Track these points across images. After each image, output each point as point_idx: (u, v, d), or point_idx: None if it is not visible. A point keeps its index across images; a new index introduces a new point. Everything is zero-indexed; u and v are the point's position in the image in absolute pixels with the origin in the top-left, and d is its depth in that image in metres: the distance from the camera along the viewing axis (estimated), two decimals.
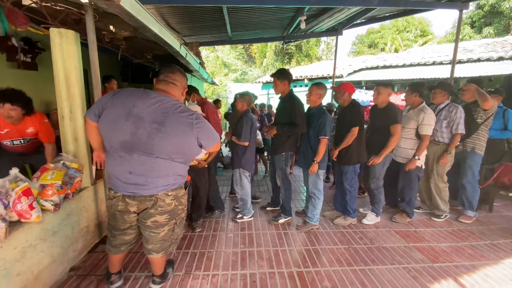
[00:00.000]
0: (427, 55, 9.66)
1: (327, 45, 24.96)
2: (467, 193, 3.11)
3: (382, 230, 2.89)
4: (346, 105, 2.84)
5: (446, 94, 3.04)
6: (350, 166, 2.83)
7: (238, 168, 2.95)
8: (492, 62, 7.57)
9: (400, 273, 2.14)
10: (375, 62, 10.34)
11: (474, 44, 9.67)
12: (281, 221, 2.98)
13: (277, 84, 2.83)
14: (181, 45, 3.33)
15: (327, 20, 5.21)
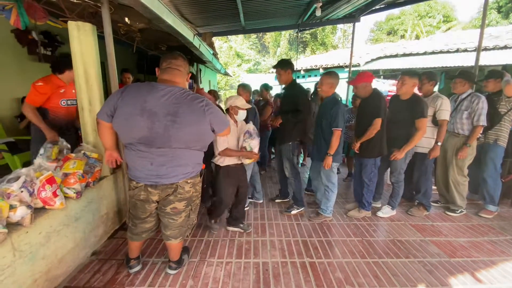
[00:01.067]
0: (450, 42, 9.12)
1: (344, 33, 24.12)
2: (488, 187, 2.98)
3: (398, 224, 2.84)
4: (367, 96, 2.74)
5: (467, 84, 2.89)
6: (371, 159, 2.76)
7: None
8: None
9: (415, 266, 2.10)
10: (395, 50, 9.88)
11: (501, 30, 9.01)
12: (294, 212, 2.98)
13: (280, 74, 2.83)
14: (195, 35, 3.33)
15: (344, 6, 5.00)
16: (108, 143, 1.78)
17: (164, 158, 1.58)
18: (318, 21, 6.06)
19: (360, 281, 1.93)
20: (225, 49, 23.14)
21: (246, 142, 2.38)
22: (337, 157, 2.71)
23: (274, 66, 2.93)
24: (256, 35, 23.90)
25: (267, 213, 3.04)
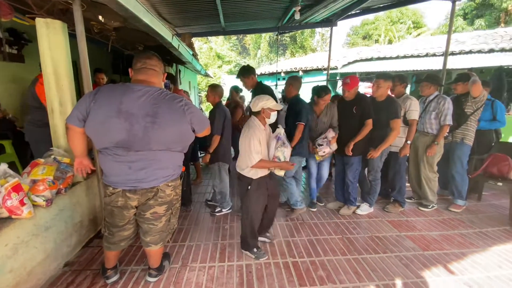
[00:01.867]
0: (420, 46, 9.68)
1: (322, 37, 24.81)
2: (456, 182, 3.19)
3: (375, 220, 2.95)
4: (352, 98, 2.84)
5: (433, 86, 3.09)
6: (357, 157, 2.88)
7: (217, 162, 2.89)
8: (483, 54, 7.64)
9: (392, 261, 2.19)
10: (370, 54, 10.32)
11: (466, 36, 9.71)
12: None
13: (245, 81, 2.96)
14: (173, 36, 3.26)
15: (321, 11, 5.14)
16: (78, 150, 1.66)
17: (143, 162, 1.52)
18: (297, 24, 6.18)
19: (341, 278, 1.98)
20: (205, 50, 22.89)
21: (280, 151, 2.15)
22: (300, 150, 2.81)
23: (236, 76, 3.02)
24: (237, 37, 23.92)
25: None
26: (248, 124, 2.13)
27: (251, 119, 2.15)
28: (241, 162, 2.13)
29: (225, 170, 2.97)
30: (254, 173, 2.11)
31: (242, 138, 2.09)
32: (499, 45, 7.60)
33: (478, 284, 1.93)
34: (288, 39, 22.36)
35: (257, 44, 23.29)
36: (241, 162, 2.13)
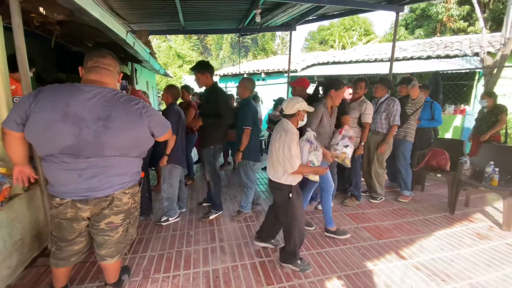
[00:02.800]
0: (370, 52, 10.56)
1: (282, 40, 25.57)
2: (402, 175, 3.55)
3: (335, 214, 3.12)
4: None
5: (386, 89, 3.39)
6: None
7: (168, 163, 2.72)
8: (422, 60, 8.64)
9: (351, 252, 2.35)
10: (326, 58, 10.93)
11: (408, 44, 10.88)
12: (212, 216, 2.95)
13: (198, 77, 2.78)
14: (128, 32, 3.06)
15: (281, 15, 5.30)
16: (17, 157, 1.46)
17: (95, 169, 1.39)
18: (258, 27, 6.27)
19: (306, 272, 2.05)
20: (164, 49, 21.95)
21: (313, 155, 2.04)
22: (252, 154, 2.87)
23: (191, 68, 2.87)
24: (198, 37, 23.41)
25: (216, 219, 2.98)
26: (281, 128, 2.00)
27: (284, 123, 2.03)
28: (277, 169, 1.99)
29: (177, 173, 2.82)
30: (292, 179, 2.01)
31: (277, 143, 1.95)
32: (436, 53, 8.66)
33: (424, 266, 2.17)
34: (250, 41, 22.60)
35: (219, 44, 23.08)
36: (278, 169, 1.99)
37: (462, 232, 2.73)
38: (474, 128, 4.24)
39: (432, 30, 15.38)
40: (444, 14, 14.11)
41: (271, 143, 2.06)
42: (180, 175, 2.93)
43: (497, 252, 2.36)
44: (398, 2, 4.46)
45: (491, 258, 2.28)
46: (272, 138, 2.06)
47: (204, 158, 2.92)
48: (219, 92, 2.83)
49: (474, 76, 7.91)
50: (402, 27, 16.70)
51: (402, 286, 1.93)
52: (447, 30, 14.53)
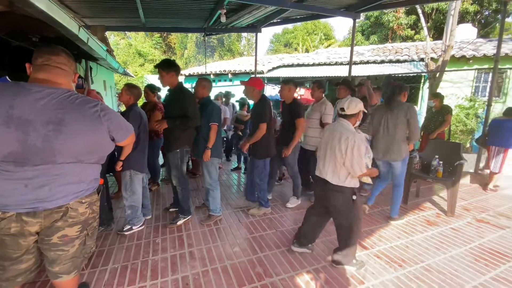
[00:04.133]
0: (331, 56, 11.15)
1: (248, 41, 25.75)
2: None
3: (303, 212, 3.22)
4: (256, 102, 2.94)
5: (348, 90, 3.59)
6: (261, 160, 2.97)
7: (128, 169, 2.55)
8: (377, 64, 9.36)
9: (320, 246, 2.44)
10: (291, 61, 11.27)
11: (364, 48, 11.72)
12: (180, 222, 2.84)
13: (162, 75, 2.61)
14: (81, 27, 2.81)
15: (246, 16, 5.33)
16: None
17: (45, 177, 1.24)
18: (223, 27, 6.23)
19: (277, 270, 2.08)
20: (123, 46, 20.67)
21: (367, 158, 1.94)
22: (217, 152, 2.85)
23: (155, 65, 2.71)
24: (160, 35, 22.47)
25: (184, 224, 2.88)
26: (344, 128, 1.94)
27: (344, 123, 1.97)
28: (340, 172, 1.94)
29: (139, 180, 2.64)
30: (355, 182, 1.97)
31: (343, 145, 1.88)
32: (388, 57, 9.43)
33: (383, 254, 2.34)
34: (215, 41, 22.36)
35: (183, 43, 22.44)
36: (341, 172, 1.94)
37: (415, 220, 3.01)
38: (423, 126, 4.71)
39: (384, 36, 16.79)
40: (394, 23, 15.50)
41: (328, 144, 2.01)
42: (143, 181, 2.78)
43: (444, 236, 2.65)
44: (354, 9, 4.77)
45: (439, 242, 2.55)
46: (329, 139, 2.00)
47: (170, 162, 2.77)
48: (185, 92, 2.70)
49: (421, 79, 8.80)
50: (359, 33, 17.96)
51: (365, 274, 2.06)
52: (397, 37, 15.97)
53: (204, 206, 3.22)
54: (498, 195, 3.86)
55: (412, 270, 2.11)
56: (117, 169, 2.49)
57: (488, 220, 3.01)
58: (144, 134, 2.64)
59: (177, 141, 2.68)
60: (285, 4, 4.18)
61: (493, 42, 8.67)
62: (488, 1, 13.25)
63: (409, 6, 12.74)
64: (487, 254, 2.33)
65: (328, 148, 2.01)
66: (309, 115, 3.32)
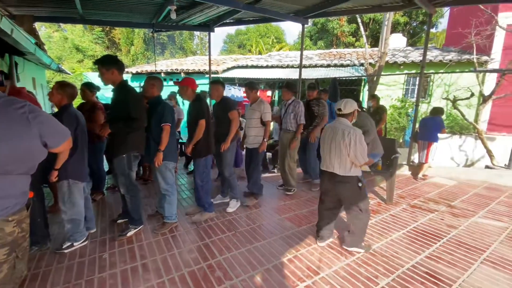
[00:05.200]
0: (283, 59, 11.59)
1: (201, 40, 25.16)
2: (312, 166, 4.05)
3: (261, 209, 3.29)
4: (192, 100, 2.87)
5: (290, 92, 3.75)
6: (201, 159, 2.88)
7: (66, 179, 2.26)
8: (324, 68, 10.05)
9: (277, 243, 2.51)
10: (245, 62, 11.39)
11: (312, 53, 12.48)
12: (130, 233, 2.62)
13: (102, 72, 2.37)
14: (3, 16, 2.40)
15: (198, 15, 5.20)
16: None
17: None
18: (174, 24, 5.97)
19: (237, 272, 2.08)
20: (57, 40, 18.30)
21: None
22: (171, 155, 2.69)
23: (94, 61, 2.43)
24: (102, 28, 20.47)
25: (136, 236, 2.66)
26: (344, 125, 2.26)
27: (343, 121, 2.29)
28: (346, 163, 2.22)
29: (79, 190, 2.36)
30: (359, 171, 2.28)
31: (346, 139, 2.16)
32: (333, 62, 10.19)
33: (335, 243, 2.52)
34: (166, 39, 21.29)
35: (129, 39, 20.82)
36: (347, 163, 2.22)
37: None
38: None
39: (330, 42, 18.14)
40: (338, 30, 16.85)
41: (332, 141, 2.27)
42: (85, 191, 2.49)
43: (385, 223, 2.97)
44: (302, 15, 5.04)
45: (381, 228, 2.85)
46: (332, 136, 2.27)
47: (117, 168, 2.53)
48: (130, 91, 2.46)
49: (361, 82, 9.74)
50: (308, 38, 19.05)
51: (320, 265, 2.19)
52: (341, 43, 17.40)
53: (157, 214, 3.01)
54: (427, 183, 4.49)
55: (360, 256, 2.32)
56: (52, 179, 2.17)
57: (420, 206, 3.48)
58: (82, 138, 2.35)
59: (123, 146, 2.45)
60: (237, 5, 4.20)
61: (420, 50, 10.10)
62: (416, 14, 15.33)
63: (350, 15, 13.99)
64: (421, 236, 2.68)
65: (333, 144, 2.28)
66: (249, 116, 3.39)
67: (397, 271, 2.11)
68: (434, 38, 16.56)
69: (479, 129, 7.28)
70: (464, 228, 2.85)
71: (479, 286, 1.94)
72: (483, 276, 2.06)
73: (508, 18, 6.92)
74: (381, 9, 4.95)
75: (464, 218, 3.10)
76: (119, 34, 21.33)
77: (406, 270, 2.13)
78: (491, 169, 5.35)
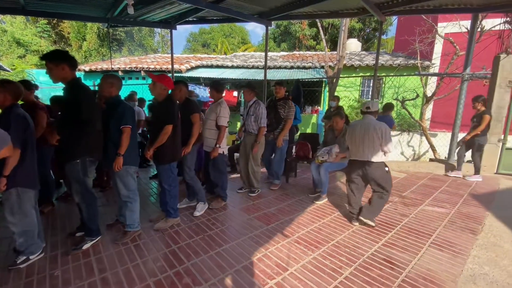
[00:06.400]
0: (248, 59, 11.66)
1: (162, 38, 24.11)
2: (275, 168, 4.08)
3: (230, 211, 3.26)
4: (161, 100, 2.66)
5: (252, 93, 3.61)
6: (166, 165, 2.71)
7: (14, 187, 2.03)
8: (288, 69, 10.34)
9: (246, 243, 2.51)
10: (210, 62, 11.21)
11: (276, 55, 12.76)
12: (87, 245, 2.41)
13: (50, 68, 2.14)
14: None
15: (158, 11, 4.96)
16: None
17: None
18: (132, 20, 5.62)
19: (206, 276, 2.03)
20: None
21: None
22: (132, 159, 2.49)
23: (41, 57, 2.19)
24: (49, 21, 18.45)
25: (93, 249, 2.44)
26: (374, 121, 2.82)
27: (371, 117, 2.86)
28: (378, 152, 2.73)
29: (29, 198, 2.15)
30: (386, 158, 2.77)
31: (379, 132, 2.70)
32: (296, 64, 10.53)
33: (302, 239, 2.61)
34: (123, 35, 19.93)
35: (81, 34, 19.08)
36: (379, 152, 2.73)
37: (324, 205, 3.48)
38: (326, 124, 5.49)
39: (292, 45, 18.73)
40: (300, 33, 17.48)
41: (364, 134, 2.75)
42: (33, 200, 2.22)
43: (346, 215, 3.15)
44: (266, 17, 5.13)
45: (343, 221, 3.02)
46: (364, 131, 2.76)
47: (70, 175, 2.30)
48: (80, 89, 2.24)
49: (322, 84, 10.23)
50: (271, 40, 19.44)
51: (288, 261, 2.24)
52: (302, 46, 18.06)
53: (117, 223, 2.80)
54: None
55: (325, 249, 2.43)
56: (1, 188, 1.92)
57: None
58: (32, 141, 2.12)
59: (77, 150, 2.23)
60: (200, 3, 4.11)
61: (373, 54, 10.94)
62: (369, 21, 16.58)
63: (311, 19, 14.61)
64: (378, 225, 2.90)
65: (365, 137, 2.75)
66: (207, 116, 3.27)
67: (359, 260, 2.26)
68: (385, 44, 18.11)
69: (424, 126, 8.14)
70: (414, 216, 3.16)
71: (427, 267, 2.17)
72: (431, 257, 2.31)
73: (446, 28, 7.85)
74: (338, 15, 5.25)
75: (414, 207, 3.43)
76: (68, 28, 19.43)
77: (366, 258, 2.30)
78: (434, 162, 6.02)
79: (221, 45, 21.57)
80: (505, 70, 4.65)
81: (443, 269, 2.14)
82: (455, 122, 5.26)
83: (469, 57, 5.12)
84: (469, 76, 5.15)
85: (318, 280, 2.00)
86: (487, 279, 2.03)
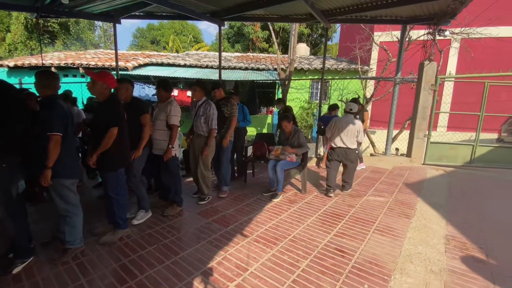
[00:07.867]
0: (201, 59, 11.39)
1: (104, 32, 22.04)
2: (223, 174, 3.81)
3: (186, 216, 3.14)
4: (103, 100, 2.40)
5: (203, 92, 3.37)
6: (112, 173, 2.46)
7: None
8: (242, 70, 10.42)
9: (205, 248, 2.45)
10: (161, 59, 10.63)
11: (230, 55, 12.74)
12: (18, 269, 2.08)
13: None
14: None
15: (98, 2, 4.51)
16: None
17: None
18: (67, 10, 4.99)
19: (162, 287, 1.91)
20: None
21: None
22: (68, 170, 2.16)
23: None
24: None
25: (25, 270, 2.10)
26: (353, 118, 3.84)
27: (351, 116, 3.86)
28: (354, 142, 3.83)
29: None
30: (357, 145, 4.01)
31: (357, 127, 3.78)
32: (250, 65, 10.66)
33: (261, 237, 2.64)
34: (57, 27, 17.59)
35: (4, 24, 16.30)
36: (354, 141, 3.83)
37: (280, 202, 3.60)
38: (278, 124, 5.66)
39: (246, 46, 18.94)
40: (253, 35, 17.77)
41: (346, 127, 3.75)
42: None
43: (302, 210, 3.31)
44: (219, 16, 5.08)
45: (298, 215, 3.16)
46: (345, 125, 3.76)
47: None
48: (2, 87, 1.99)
49: (275, 86, 10.57)
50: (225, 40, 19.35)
51: (248, 261, 2.25)
52: (256, 48, 18.41)
53: (55, 240, 2.45)
54: None
55: (283, 245, 2.51)
56: None
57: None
58: None
59: None
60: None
61: (320, 58, 11.71)
62: (316, 27, 17.68)
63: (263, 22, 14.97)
64: (329, 217, 3.11)
65: (346, 129, 3.75)
66: (156, 117, 3.05)
67: (314, 252, 2.39)
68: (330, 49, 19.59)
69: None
70: (360, 206, 3.48)
71: (373, 252, 2.41)
72: (375, 243, 2.57)
73: (381, 36, 8.87)
74: (288, 19, 5.49)
75: (359, 197, 3.78)
76: None
77: (320, 249, 2.44)
78: (374, 156, 6.73)
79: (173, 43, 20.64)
80: (428, 75, 5.44)
81: (385, 252, 2.40)
82: (390, 121, 5.96)
83: (400, 63, 5.86)
84: (400, 80, 5.89)
85: (277, 276, 2.05)
86: (421, 257, 2.34)
